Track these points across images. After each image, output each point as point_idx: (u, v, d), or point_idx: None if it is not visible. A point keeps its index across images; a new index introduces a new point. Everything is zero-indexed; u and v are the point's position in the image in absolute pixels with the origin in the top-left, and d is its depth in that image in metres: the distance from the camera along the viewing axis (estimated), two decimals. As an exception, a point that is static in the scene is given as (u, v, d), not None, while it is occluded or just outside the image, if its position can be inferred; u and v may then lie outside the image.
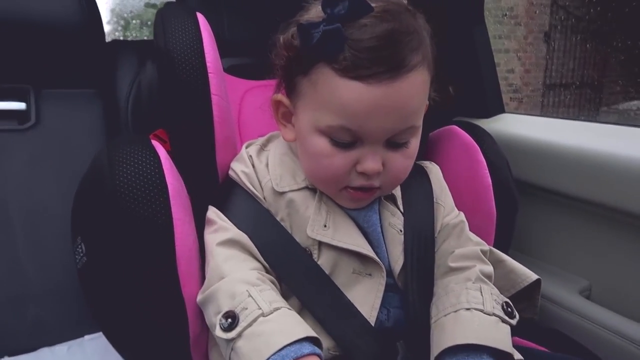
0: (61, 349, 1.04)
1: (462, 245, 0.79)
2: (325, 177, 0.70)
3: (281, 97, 0.73)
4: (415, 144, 0.70)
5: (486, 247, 0.81)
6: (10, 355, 1.01)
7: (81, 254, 0.73)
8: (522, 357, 0.68)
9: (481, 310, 0.69)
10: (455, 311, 0.70)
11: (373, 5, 0.62)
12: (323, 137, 0.67)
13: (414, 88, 0.64)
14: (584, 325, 0.95)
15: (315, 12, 0.67)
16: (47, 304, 1.07)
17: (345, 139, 0.65)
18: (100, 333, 0.81)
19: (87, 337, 1.06)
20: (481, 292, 0.71)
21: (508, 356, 0.66)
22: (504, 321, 0.69)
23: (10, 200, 1.11)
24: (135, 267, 0.68)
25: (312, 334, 0.62)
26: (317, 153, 0.68)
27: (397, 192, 0.80)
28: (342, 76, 0.62)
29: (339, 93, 0.63)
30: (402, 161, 0.69)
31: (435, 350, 0.68)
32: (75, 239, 0.75)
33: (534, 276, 0.83)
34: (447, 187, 0.86)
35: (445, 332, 0.68)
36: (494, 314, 0.68)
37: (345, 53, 0.61)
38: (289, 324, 0.62)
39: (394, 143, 0.67)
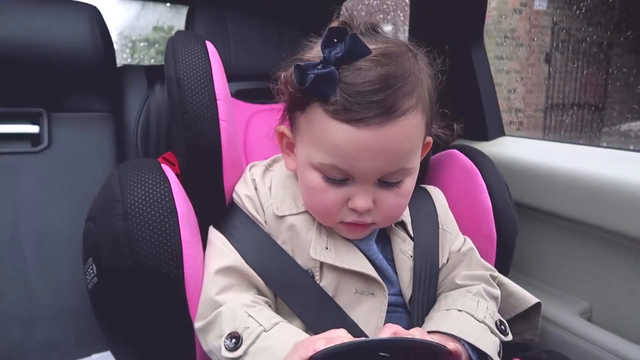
0: (69, 367, 1.05)
1: (473, 270, 0.81)
2: (319, 210, 0.73)
3: (284, 128, 0.76)
4: (409, 183, 0.71)
5: (496, 273, 0.83)
6: (19, 373, 1.02)
7: (92, 275, 0.75)
8: None
9: (472, 315, 0.71)
10: (447, 310, 0.73)
11: (373, 47, 0.64)
12: (317, 173, 0.69)
13: (404, 132, 0.65)
14: (584, 347, 0.95)
15: (316, 52, 0.68)
16: (56, 324, 1.08)
17: (337, 176, 0.67)
18: (108, 352, 0.82)
19: (94, 356, 1.07)
20: (477, 303, 0.73)
21: None
22: (492, 332, 0.71)
23: (22, 222, 1.13)
24: (144, 289, 0.70)
25: None
26: (311, 187, 0.70)
27: (407, 217, 0.82)
28: (333, 118, 0.64)
29: (329, 134, 0.65)
30: (394, 200, 0.70)
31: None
32: (86, 260, 0.77)
33: (533, 299, 0.84)
34: (451, 213, 0.88)
35: (432, 321, 0.71)
36: (483, 322, 0.71)
37: (337, 96, 0.63)
38: (290, 336, 0.64)
39: (386, 182, 0.68)
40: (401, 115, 0.64)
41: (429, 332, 0.68)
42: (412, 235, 0.80)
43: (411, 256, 0.78)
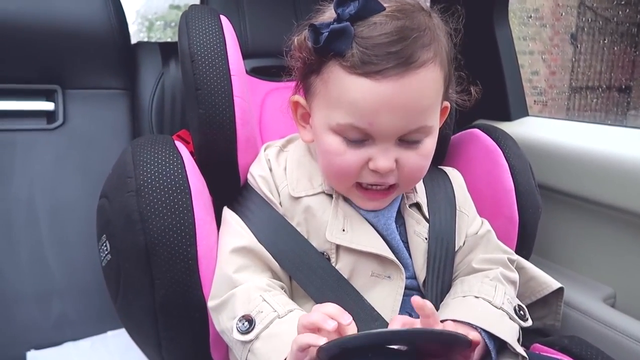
0: (85, 344, 1.06)
1: (490, 253, 0.79)
2: (337, 173, 0.70)
3: (298, 97, 0.74)
4: (430, 143, 0.69)
5: (514, 256, 0.81)
6: (35, 349, 1.04)
7: (106, 252, 0.75)
8: (525, 356, 0.67)
9: (489, 302, 0.69)
10: (464, 296, 0.70)
11: (386, 5, 0.63)
12: (335, 136, 0.67)
13: (423, 85, 0.63)
14: (608, 333, 0.93)
15: (329, 14, 0.67)
16: (71, 300, 1.10)
17: (356, 137, 0.65)
18: (123, 329, 0.82)
19: (110, 332, 1.08)
20: (495, 288, 0.71)
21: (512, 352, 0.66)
22: (511, 318, 0.69)
23: (37, 198, 1.14)
24: (157, 266, 0.69)
25: None
26: (330, 152, 0.68)
27: (423, 198, 0.80)
28: (350, 73, 0.63)
29: (347, 90, 0.63)
30: (417, 160, 0.68)
31: None
32: (100, 237, 0.77)
33: (555, 284, 0.82)
34: (469, 195, 0.86)
35: (447, 308, 0.69)
36: (501, 309, 0.68)
37: (353, 50, 0.62)
38: None
39: (406, 142, 0.66)
40: (420, 66, 0.62)
41: (443, 321, 0.66)
42: (428, 217, 0.78)
43: (426, 238, 0.76)
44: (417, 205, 0.79)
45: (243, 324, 0.63)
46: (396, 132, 0.64)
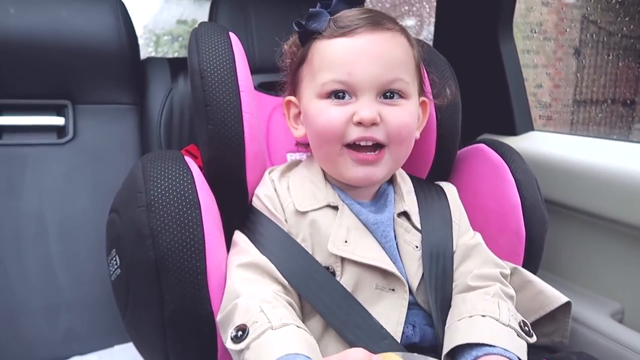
0: (92, 358, 1.06)
1: (482, 266, 0.79)
2: (324, 133, 0.74)
3: (289, 96, 0.81)
4: (409, 106, 0.75)
5: (507, 270, 0.80)
6: (43, 362, 1.04)
7: (115, 266, 0.75)
8: None
9: (496, 319, 0.68)
10: (470, 317, 0.70)
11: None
12: (320, 100, 0.74)
13: (393, 42, 0.74)
14: (616, 349, 0.92)
15: None
16: (79, 314, 1.10)
17: (338, 89, 0.73)
18: (130, 343, 0.82)
19: (117, 347, 1.08)
20: (498, 305, 0.71)
21: None
22: (519, 335, 0.68)
23: (47, 212, 1.15)
24: (167, 281, 0.69)
25: (313, 354, 0.61)
26: (317, 114, 0.74)
27: (414, 208, 0.81)
28: (329, 39, 0.74)
29: (328, 52, 0.74)
30: (400, 114, 0.73)
31: (446, 348, 0.67)
32: (109, 251, 0.77)
33: (563, 298, 0.81)
34: (462, 207, 0.87)
35: (459, 332, 0.68)
36: (509, 326, 0.68)
37: (331, 25, 0.75)
38: (297, 339, 0.62)
39: (386, 98, 0.73)
40: (388, 29, 0.74)
41: (458, 348, 0.66)
42: (417, 226, 0.79)
43: (416, 247, 0.77)
44: (406, 215, 0.80)
45: (237, 332, 0.63)
46: (374, 82, 0.72)
